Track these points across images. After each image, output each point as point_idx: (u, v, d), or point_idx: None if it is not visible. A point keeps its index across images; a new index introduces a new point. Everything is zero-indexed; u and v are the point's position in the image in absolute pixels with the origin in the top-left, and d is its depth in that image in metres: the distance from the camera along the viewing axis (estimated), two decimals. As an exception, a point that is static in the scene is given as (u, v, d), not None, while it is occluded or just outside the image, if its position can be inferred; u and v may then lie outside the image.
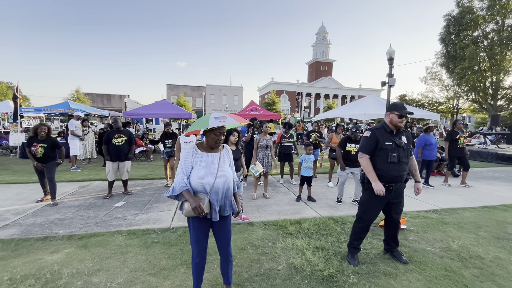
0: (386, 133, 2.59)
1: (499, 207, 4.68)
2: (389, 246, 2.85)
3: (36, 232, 3.36)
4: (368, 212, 2.71)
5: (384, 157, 2.53)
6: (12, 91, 30.98)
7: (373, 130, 2.64)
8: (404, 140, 2.58)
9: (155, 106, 12.55)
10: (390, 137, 2.56)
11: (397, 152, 2.51)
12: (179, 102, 33.94)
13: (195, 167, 1.92)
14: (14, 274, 2.44)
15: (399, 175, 2.53)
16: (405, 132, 2.68)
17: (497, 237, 3.43)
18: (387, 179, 2.53)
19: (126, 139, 4.96)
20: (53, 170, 4.52)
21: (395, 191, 2.59)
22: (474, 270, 2.64)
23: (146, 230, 3.45)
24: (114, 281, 2.35)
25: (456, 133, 6.09)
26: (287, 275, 2.50)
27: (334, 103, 47.51)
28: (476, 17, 20.83)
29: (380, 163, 2.55)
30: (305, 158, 4.81)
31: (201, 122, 1.95)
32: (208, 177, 1.88)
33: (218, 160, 1.96)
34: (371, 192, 2.61)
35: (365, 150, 2.64)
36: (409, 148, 2.61)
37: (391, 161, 2.50)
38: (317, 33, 67.13)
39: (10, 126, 10.94)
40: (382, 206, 2.68)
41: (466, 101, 25.38)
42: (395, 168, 2.51)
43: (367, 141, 2.64)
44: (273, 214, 4.16)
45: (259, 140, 5.10)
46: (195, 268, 2.01)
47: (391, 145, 2.52)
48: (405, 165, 2.58)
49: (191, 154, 1.94)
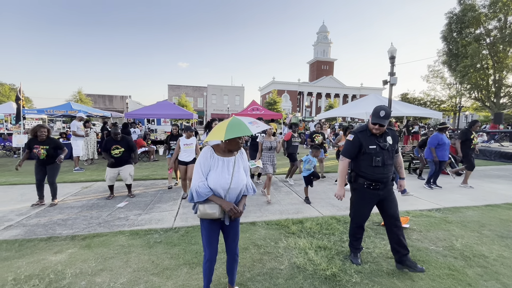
0: (369, 136, 2.50)
1: (502, 205, 4.65)
2: (398, 254, 2.57)
3: (39, 233, 3.38)
4: (359, 211, 2.67)
5: (369, 161, 2.47)
6: (15, 92, 31.23)
7: (356, 134, 2.56)
8: (389, 141, 2.50)
9: (156, 107, 12.60)
10: (375, 139, 2.48)
11: (381, 155, 2.45)
12: (181, 103, 34.02)
13: (211, 170, 1.91)
14: (18, 274, 2.45)
15: (384, 177, 2.48)
16: (391, 131, 2.59)
17: (501, 235, 3.41)
18: (371, 180, 2.50)
19: (123, 150, 4.84)
20: (55, 173, 4.50)
21: (383, 189, 2.53)
22: (478, 269, 2.62)
23: (149, 230, 3.46)
24: (117, 281, 2.36)
25: (471, 133, 6.07)
26: (289, 274, 2.49)
27: (335, 102, 47.39)
28: (478, 15, 20.69)
29: (364, 167, 2.51)
30: (309, 160, 4.71)
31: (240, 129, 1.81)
32: (223, 183, 1.88)
33: (233, 165, 1.95)
34: (359, 191, 2.61)
35: (347, 154, 2.60)
36: (393, 148, 2.53)
37: (375, 165, 2.45)
38: (318, 32, 66.94)
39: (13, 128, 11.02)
40: (373, 204, 2.61)
41: (469, 99, 25.26)
42: (380, 171, 2.46)
43: (349, 145, 2.58)
44: (275, 213, 4.16)
45: (263, 142, 4.97)
46: (208, 269, 2.02)
47: (375, 149, 2.45)
48: (390, 167, 2.51)
49: (209, 157, 1.92)
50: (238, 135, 1.79)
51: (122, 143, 4.87)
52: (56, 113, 11.84)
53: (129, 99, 38.38)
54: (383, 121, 2.38)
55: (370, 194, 2.54)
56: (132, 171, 5.00)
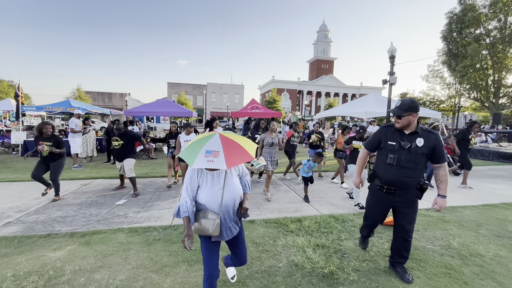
0: (393, 132, 2.36)
1: (500, 205, 4.68)
2: (393, 259, 2.53)
3: (38, 230, 3.38)
4: (370, 213, 2.65)
5: (384, 157, 2.38)
6: (13, 89, 31.08)
7: (382, 127, 2.50)
8: (418, 143, 2.23)
9: (156, 105, 12.56)
10: (398, 136, 2.31)
11: (397, 154, 2.27)
12: (180, 101, 33.91)
13: (201, 186, 1.79)
14: (18, 270, 2.46)
15: (397, 179, 2.28)
16: (429, 133, 2.27)
17: (497, 235, 3.44)
18: (384, 181, 2.37)
19: (122, 143, 4.96)
20: (58, 171, 4.55)
21: (400, 197, 2.32)
22: (474, 267, 2.65)
23: (148, 227, 3.47)
24: (117, 278, 2.37)
25: (469, 133, 6.09)
26: (287, 272, 2.51)
27: (335, 101, 47.36)
28: (478, 15, 20.70)
29: (380, 163, 2.43)
30: (309, 166, 4.67)
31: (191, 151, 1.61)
32: (214, 198, 1.76)
33: (224, 177, 1.80)
34: (372, 192, 2.56)
35: (367, 145, 2.59)
36: (420, 152, 2.22)
37: (388, 163, 2.31)
38: (318, 31, 66.76)
39: (12, 125, 10.98)
40: (386, 209, 2.49)
41: (468, 99, 25.29)
42: (393, 171, 2.29)
43: (372, 137, 2.57)
44: (273, 212, 4.18)
45: (264, 138, 5.00)
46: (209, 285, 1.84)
47: (393, 145, 2.30)
48: (409, 171, 2.25)
49: (196, 173, 1.80)
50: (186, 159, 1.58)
51: (121, 137, 4.98)
52: (55, 110, 11.80)
53: (128, 97, 38.21)
54: (397, 112, 2.25)
55: (382, 197, 2.43)
56: (131, 165, 5.01)
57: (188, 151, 1.63)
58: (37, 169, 4.46)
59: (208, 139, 1.64)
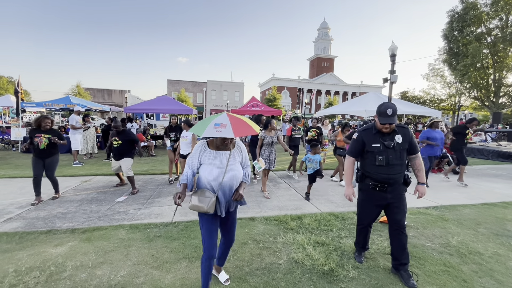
0: (373, 134, 2.41)
1: (499, 204, 4.70)
2: (397, 261, 2.45)
3: (39, 226, 3.39)
4: (364, 212, 2.63)
5: (372, 160, 2.39)
6: (12, 85, 30.98)
7: (360, 133, 2.51)
8: (397, 140, 2.34)
9: (156, 102, 12.55)
10: (379, 138, 2.38)
11: (385, 154, 2.33)
12: (180, 98, 33.83)
13: (204, 163, 1.92)
14: (19, 266, 2.47)
15: (389, 177, 2.35)
16: (402, 129, 2.41)
17: (496, 233, 3.46)
18: (377, 181, 2.40)
19: (120, 142, 4.93)
20: (54, 167, 4.45)
21: (392, 193, 2.39)
22: (473, 265, 2.67)
23: (148, 224, 3.48)
24: (118, 274, 2.39)
25: (466, 128, 6.17)
26: (288, 269, 2.53)
27: (335, 99, 47.31)
28: (479, 13, 20.65)
29: (368, 166, 2.44)
30: (309, 159, 4.62)
31: (201, 125, 1.87)
32: (215, 176, 1.88)
33: (228, 159, 1.93)
34: (365, 192, 2.54)
35: (351, 153, 2.57)
36: (403, 147, 2.36)
37: (378, 164, 2.35)
38: (319, 28, 66.50)
39: (11, 121, 10.98)
40: (379, 207, 2.51)
41: (468, 98, 25.32)
42: (384, 171, 2.35)
43: (353, 144, 2.54)
44: (274, 209, 4.19)
45: (264, 137, 4.98)
46: (207, 268, 1.96)
47: (378, 147, 2.36)
48: (398, 167, 2.35)
49: (199, 151, 1.95)
50: (194, 131, 1.89)
51: (120, 136, 4.97)
52: (55, 107, 11.80)
53: (128, 94, 38.13)
54: (392, 120, 2.27)
55: (376, 196, 2.45)
56: (129, 164, 5.01)
57: (198, 126, 1.89)
58: (36, 168, 4.24)
59: (216, 116, 1.86)
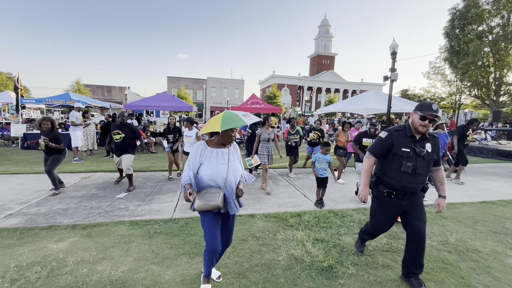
0: (405, 137, 2.16)
1: (498, 202, 4.72)
2: (408, 269, 2.30)
3: (40, 221, 3.41)
4: (378, 222, 2.46)
5: (397, 165, 2.15)
6: (12, 81, 30.87)
7: (390, 132, 2.24)
8: (427, 148, 2.13)
9: (156, 99, 12.52)
10: (410, 142, 2.14)
11: (414, 161, 2.10)
12: (180, 95, 33.74)
13: (204, 163, 1.95)
14: (20, 261, 2.49)
15: (411, 186, 2.16)
16: (433, 137, 2.21)
17: (494, 231, 3.48)
18: (395, 188, 2.21)
19: (123, 136, 4.90)
20: (54, 164, 4.54)
21: (408, 201, 2.22)
22: (471, 263, 2.69)
23: (149, 220, 3.50)
24: (119, 269, 2.41)
25: (467, 129, 6.18)
26: (287, 265, 2.55)
27: (335, 97, 47.23)
28: (481, 11, 20.54)
29: (391, 171, 2.20)
30: (318, 158, 4.27)
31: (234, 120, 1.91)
32: (220, 172, 1.93)
33: (228, 155, 2.00)
34: (379, 200, 2.36)
35: (374, 152, 2.31)
36: (431, 157, 2.16)
37: (404, 171, 2.13)
38: (320, 26, 66.12)
39: (11, 117, 10.95)
40: (395, 215, 2.34)
41: (469, 96, 25.26)
42: (408, 179, 2.14)
43: (379, 143, 2.27)
44: (273, 206, 4.21)
45: (261, 133, 5.07)
46: (210, 260, 2.01)
47: (408, 152, 2.11)
48: (422, 177, 2.16)
49: (199, 151, 1.97)
50: (233, 126, 1.88)
51: (123, 129, 4.94)
52: (54, 103, 11.76)
53: (128, 90, 37.97)
54: (436, 113, 2.04)
55: (391, 203, 2.27)
56: (129, 161, 4.97)
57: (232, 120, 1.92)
58: (45, 164, 4.60)
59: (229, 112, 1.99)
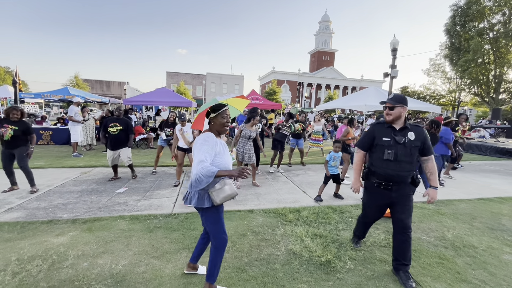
0: (385, 128, 2.37)
1: (495, 199, 4.76)
2: (397, 261, 2.40)
3: (40, 216, 3.43)
4: (368, 212, 2.63)
5: (380, 154, 2.34)
6: (10, 75, 30.64)
7: (372, 126, 2.50)
8: (410, 137, 2.27)
9: (155, 94, 12.47)
10: (391, 132, 2.32)
11: (394, 149, 2.27)
12: (179, 90, 33.61)
13: (219, 154, 1.91)
14: (21, 255, 2.51)
15: (396, 174, 2.28)
16: (416, 127, 2.34)
17: (491, 227, 3.52)
18: (383, 178, 2.34)
19: (121, 128, 4.89)
20: (24, 158, 4.22)
21: (397, 192, 2.33)
22: (467, 258, 2.73)
23: (149, 215, 3.52)
24: (119, 263, 2.43)
25: (456, 125, 6.18)
26: (286, 260, 2.58)
27: (335, 93, 47.13)
28: (483, 8, 20.42)
29: (376, 160, 2.39)
30: (333, 157, 4.35)
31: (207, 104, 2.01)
32: (229, 163, 2.00)
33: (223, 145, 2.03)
34: (369, 191, 2.54)
35: (360, 145, 2.55)
36: (414, 145, 2.27)
37: (386, 158, 2.29)
38: (320, 21, 65.60)
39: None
40: (384, 206, 2.48)
41: (468, 94, 25.27)
42: (391, 166, 2.28)
43: (364, 137, 2.53)
44: (273, 202, 4.24)
45: (243, 129, 4.97)
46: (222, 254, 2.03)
47: (388, 141, 2.30)
48: (406, 165, 2.27)
49: (214, 142, 1.89)
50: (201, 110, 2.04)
51: (120, 122, 4.95)
52: (53, 98, 11.72)
53: (127, 85, 37.66)
54: (392, 102, 2.29)
55: (380, 195, 2.41)
56: (129, 153, 5.08)
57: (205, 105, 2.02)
58: (4, 159, 4.20)
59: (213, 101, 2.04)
